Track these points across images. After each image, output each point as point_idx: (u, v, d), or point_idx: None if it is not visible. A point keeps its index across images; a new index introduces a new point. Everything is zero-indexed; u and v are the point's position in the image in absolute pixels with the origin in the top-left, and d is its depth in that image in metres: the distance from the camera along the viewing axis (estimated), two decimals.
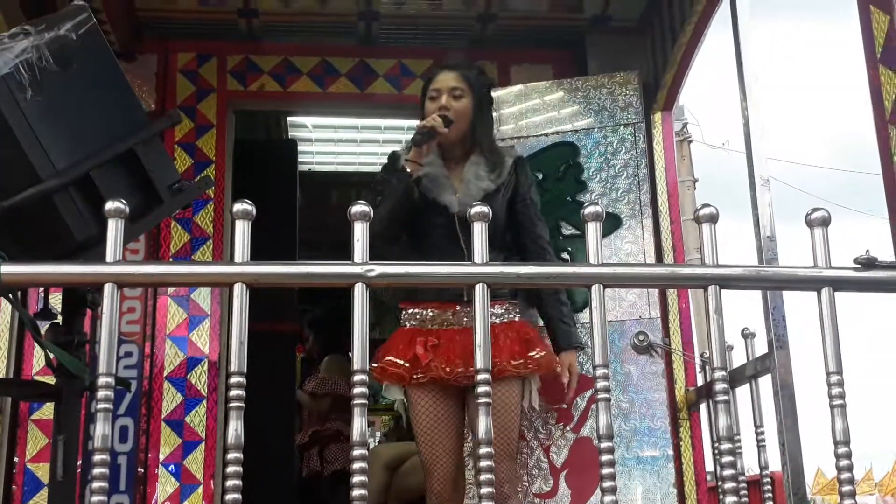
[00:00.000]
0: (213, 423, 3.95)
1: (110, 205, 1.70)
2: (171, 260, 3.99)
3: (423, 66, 4.47)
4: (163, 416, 3.94)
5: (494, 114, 4.01)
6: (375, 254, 1.78)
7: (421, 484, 3.16)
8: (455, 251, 2.92)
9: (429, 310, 3.00)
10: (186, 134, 4.22)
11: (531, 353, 2.93)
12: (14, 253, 1.76)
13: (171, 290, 4.01)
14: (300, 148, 6.00)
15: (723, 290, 1.80)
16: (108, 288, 1.68)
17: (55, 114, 1.94)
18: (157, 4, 4.27)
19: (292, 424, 5.46)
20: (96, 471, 1.59)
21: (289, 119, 6.10)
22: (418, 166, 3.03)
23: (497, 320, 2.89)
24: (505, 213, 3.08)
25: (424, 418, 2.96)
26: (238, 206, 1.71)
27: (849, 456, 1.74)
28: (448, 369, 2.88)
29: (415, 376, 2.92)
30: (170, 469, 3.87)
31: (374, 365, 2.95)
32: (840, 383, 1.77)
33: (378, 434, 7.93)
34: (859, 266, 1.83)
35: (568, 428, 3.66)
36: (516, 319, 3.00)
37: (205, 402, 3.96)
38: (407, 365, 2.92)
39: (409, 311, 3.04)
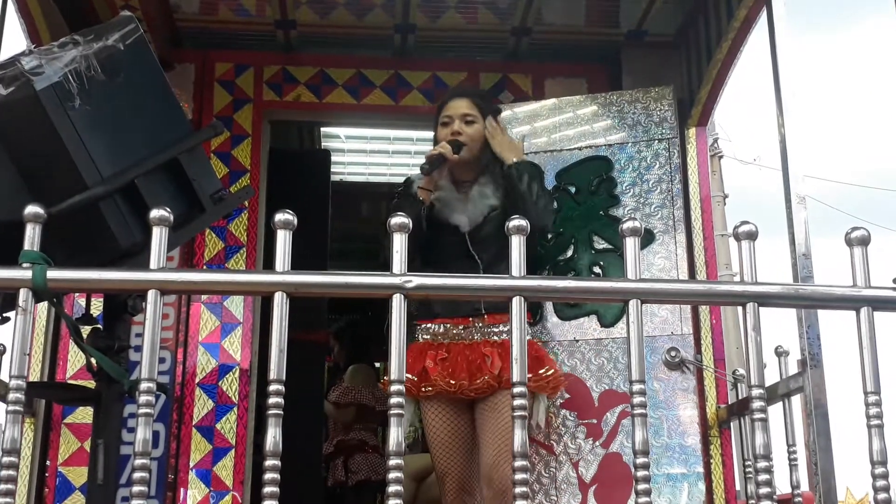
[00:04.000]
0: (244, 430, 3.97)
1: (155, 213, 1.73)
2: (206, 268, 4.02)
3: (457, 78, 4.50)
4: (194, 423, 3.96)
5: (526, 128, 4.06)
6: None
7: None
8: (471, 266, 3.13)
9: (441, 325, 3.15)
10: (222, 143, 4.25)
11: (541, 371, 3.06)
12: (59, 258, 1.77)
13: (204, 297, 4.03)
14: (332, 158, 6.04)
15: (760, 308, 1.81)
16: (151, 294, 1.71)
17: (102, 122, 1.97)
18: (195, 14, 4.32)
19: (320, 434, 5.47)
20: (136, 475, 1.61)
21: (322, 129, 6.14)
22: (430, 193, 3.20)
23: (507, 336, 2.96)
24: None
25: (436, 430, 3.12)
26: (280, 217, 1.74)
27: (886, 476, 1.73)
28: (453, 382, 3.03)
29: (423, 389, 3.06)
30: (200, 475, 3.90)
31: (385, 379, 3.00)
32: (878, 403, 1.76)
33: None
34: None
35: (597, 443, 3.65)
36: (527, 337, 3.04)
37: (235, 409, 3.99)
38: (415, 379, 3.05)
39: (423, 325, 3.18)
